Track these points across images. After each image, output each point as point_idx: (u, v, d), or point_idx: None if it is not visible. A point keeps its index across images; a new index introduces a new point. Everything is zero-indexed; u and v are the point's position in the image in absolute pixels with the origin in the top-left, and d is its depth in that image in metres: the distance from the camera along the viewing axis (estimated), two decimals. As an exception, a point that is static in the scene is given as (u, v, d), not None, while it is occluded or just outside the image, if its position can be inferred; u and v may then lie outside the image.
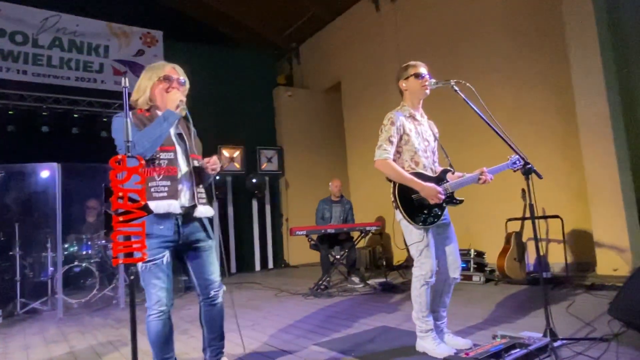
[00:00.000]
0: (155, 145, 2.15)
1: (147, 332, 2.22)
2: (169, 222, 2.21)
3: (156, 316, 2.20)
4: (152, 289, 2.19)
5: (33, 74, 7.05)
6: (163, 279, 2.21)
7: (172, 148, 2.28)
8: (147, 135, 2.13)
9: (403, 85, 2.78)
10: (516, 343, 2.42)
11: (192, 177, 2.32)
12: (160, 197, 2.18)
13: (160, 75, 2.32)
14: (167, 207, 2.17)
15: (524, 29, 5.97)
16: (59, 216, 4.97)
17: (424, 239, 2.59)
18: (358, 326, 3.52)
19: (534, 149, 5.08)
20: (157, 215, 2.16)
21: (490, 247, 5.48)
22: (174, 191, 2.22)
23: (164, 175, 2.21)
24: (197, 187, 2.34)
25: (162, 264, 2.19)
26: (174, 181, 2.23)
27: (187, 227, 2.30)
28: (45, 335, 4.06)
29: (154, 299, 2.20)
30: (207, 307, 2.40)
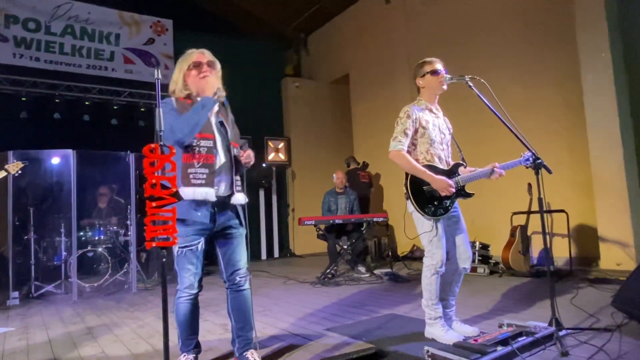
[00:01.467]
0: (194, 131, 2.19)
1: (175, 313, 2.33)
2: (206, 209, 2.27)
3: (186, 299, 2.31)
4: (186, 273, 2.28)
5: (45, 61, 7.13)
6: (196, 264, 2.29)
7: (211, 136, 2.31)
8: (186, 121, 2.17)
9: (420, 83, 2.84)
10: (523, 331, 2.52)
11: (232, 166, 2.37)
12: (198, 184, 2.23)
13: (190, 63, 2.36)
14: (204, 194, 2.23)
15: (534, 24, 5.99)
16: (73, 202, 5.08)
17: (434, 229, 2.67)
18: (367, 313, 3.62)
19: (541, 144, 5.11)
20: (194, 202, 2.22)
21: (495, 239, 5.57)
22: (212, 179, 2.26)
23: (202, 163, 2.25)
24: (235, 176, 2.39)
25: (196, 250, 2.27)
26: (212, 169, 2.28)
27: (223, 215, 2.36)
28: (62, 315, 4.19)
29: (186, 283, 2.29)
30: (233, 294, 2.44)
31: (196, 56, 2.38)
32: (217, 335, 3.17)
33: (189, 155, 2.24)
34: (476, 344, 2.34)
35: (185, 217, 2.23)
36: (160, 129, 1.78)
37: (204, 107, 2.21)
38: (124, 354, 2.88)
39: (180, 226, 2.22)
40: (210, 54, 2.43)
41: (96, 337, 3.31)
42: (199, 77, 2.33)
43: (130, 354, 2.86)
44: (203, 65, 2.36)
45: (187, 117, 2.19)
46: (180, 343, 2.41)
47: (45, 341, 3.28)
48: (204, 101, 2.23)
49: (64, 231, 5.51)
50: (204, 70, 2.35)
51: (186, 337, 2.38)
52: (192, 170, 2.23)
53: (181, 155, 2.23)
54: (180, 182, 2.21)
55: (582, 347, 2.42)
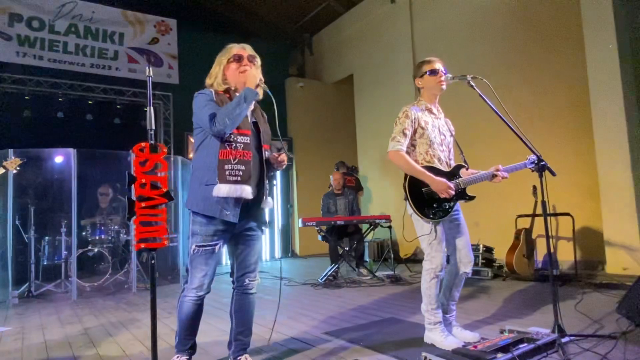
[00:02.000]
0: (234, 123, 2.11)
1: (178, 311, 2.28)
2: (236, 208, 2.17)
3: (192, 299, 2.24)
4: (199, 273, 2.21)
5: (49, 60, 7.14)
6: (211, 265, 2.23)
7: (248, 132, 2.23)
8: (227, 112, 2.09)
9: (419, 83, 2.78)
10: (524, 337, 2.45)
11: (263, 167, 2.29)
12: (234, 181, 2.12)
13: (230, 57, 2.30)
14: (240, 191, 2.12)
15: (541, 24, 5.91)
16: (74, 201, 5.06)
17: (433, 232, 2.61)
18: (366, 317, 3.57)
19: (547, 146, 5.04)
20: (226, 199, 2.12)
21: (499, 242, 5.49)
22: (247, 176, 2.17)
23: (239, 159, 2.16)
24: (265, 177, 2.32)
25: (214, 252, 2.20)
26: (248, 166, 2.18)
27: (247, 216, 2.27)
28: (60, 316, 4.16)
29: (196, 283, 2.22)
30: (239, 296, 2.39)
31: (236, 50, 2.32)
32: (212, 337, 3.13)
33: (226, 151, 2.14)
34: (475, 350, 2.28)
35: (214, 215, 2.14)
36: (151, 127, 1.74)
37: (246, 98, 2.13)
38: (118, 355, 2.84)
39: (202, 224, 2.17)
40: (251, 49, 2.36)
41: (92, 338, 3.28)
42: (239, 70, 2.28)
43: (124, 355, 2.83)
44: (244, 58, 2.30)
45: (229, 108, 2.11)
46: (177, 341, 2.38)
47: (40, 342, 3.25)
48: (246, 92, 2.15)
49: (65, 230, 5.50)
50: (244, 63, 2.29)
51: (184, 336, 2.35)
52: (228, 166, 2.13)
53: (218, 150, 2.15)
54: (216, 179, 2.12)
55: (585, 355, 2.35)
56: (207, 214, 2.15)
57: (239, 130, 2.18)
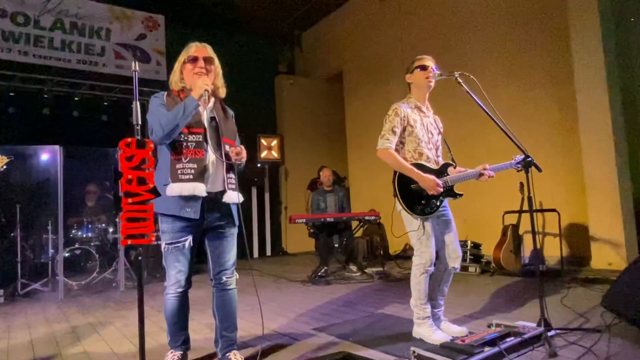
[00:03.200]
0: (171, 134, 2.13)
1: (164, 309, 2.32)
2: (196, 205, 2.21)
3: (173, 295, 2.29)
4: (172, 270, 2.26)
5: (34, 56, 7.00)
6: (183, 262, 2.26)
7: (201, 130, 2.25)
8: (166, 122, 2.12)
9: (409, 79, 2.81)
10: (511, 331, 2.48)
11: (223, 163, 2.30)
12: (186, 180, 2.16)
13: (186, 57, 2.31)
14: (192, 189, 2.16)
15: (528, 23, 5.97)
16: (60, 199, 4.99)
17: (421, 228, 2.63)
18: (356, 313, 3.58)
19: (534, 143, 5.12)
20: (183, 197, 2.17)
21: (487, 239, 5.54)
22: (200, 174, 2.19)
23: (191, 158, 2.19)
24: (228, 173, 2.32)
25: (183, 248, 2.24)
26: (201, 164, 2.21)
27: (214, 212, 2.30)
28: (46, 314, 4.12)
29: (172, 280, 2.27)
30: (219, 293, 2.42)
31: (194, 50, 2.32)
32: (202, 334, 3.12)
33: (176, 151, 2.20)
34: (463, 344, 2.31)
35: (174, 213, 2.20)
36: (137, 122, 1.73)
37: (185, 110, 2.13)
38: (106, 353, 2.82)
39: (168, 222, 2.22)
40: (210, 50, 2.36)
41: (79, 337, 3.25)
42: (193, 72, 2.28)
43: (112, 353, 2.81)
44: (199, 60, 2.29)
45: (169, 117, 2.13)
46: (169, 338, 2.41)
47: (26, 341, 3.21)
48: (187, 102, 2.15)
49: (51, 228, 5.43)
50: (198, 65, 2.29)
51: (174, 332, 2.38)
52: (180, 165, 2.18)
53: (170, 151, 2.20)
54: (169, 179, 2.17)
55: (570, 348, 2.39)
56: (168, 213, 2.20)
57: (190, 129, 2.20)
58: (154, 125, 2.12)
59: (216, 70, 2.36)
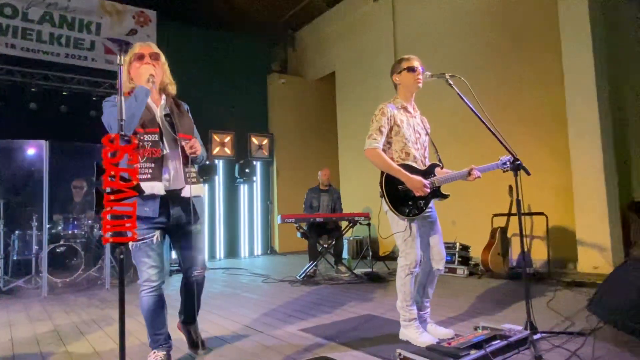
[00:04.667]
0: (130, 125, 2.05)
1: (141, 308, 2.33)
2: (154, 203, 2.22)
3: (147, 292, 2.28)
4: (143, 266, 2.26)
5: (22, 49, 6.89)
6: (153, 257, 2.26)
7: (156, 130, 2.25)
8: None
9: (396, 79, 2.80)
10: (497, 334, 2.48)
11: (180, 158, 2.31)
12: (144, 179, 2.16)
13: (131, 56, 2.30)
14: (150, 188, 2.16)
15: (519, 26, 6.00)
16: (45, 194, 4.91)
17: (408, 229, 2.62)
18: (343, 314, 3.57)
19: (523, 146, 5.12)
20: (142, 196, 2.14)
21: (476, 241, 5.56)
22: (158, 173, 2.21)
23: (147, 157, 2.20)
24: (187, 167, 2.32)
25: (152, 243, 2.24)
26: (158, 163, 2.22)
27: (177, 208, 2.31)
28: (29, 313, 4.04)
29: (144, 276, 2.27)
30: (186, 281, 2.50)
31: (139, 48, 2.31)
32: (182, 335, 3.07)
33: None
34: (449, 347, 2.30)
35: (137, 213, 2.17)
36: (122, 118, 1.69)
37: (137, 97, 2.11)
38: (88, 352, 2.77)
39: None
40: (155, 47, 2.35)
41: (62, 336, 3.19)
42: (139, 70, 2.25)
43: (95, 352, 2.76)
44: (145, 57, 2.28)
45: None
46: (150, 339, 2.38)
47: (6, 340, 3.14)
48: (136, 91, 2.13)
49: (36, 224, 5.33)
50: (144, 62, 2.27)
51: (153, 332, 2.36)
52: (137, 165, 2.15)
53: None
54: None
55: (556, 351, 2.40)
56: None
57: (144, 129, 2.20)
58: (111, 122, 2.09)
59: (163, 66, 2.35)
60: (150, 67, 2.22)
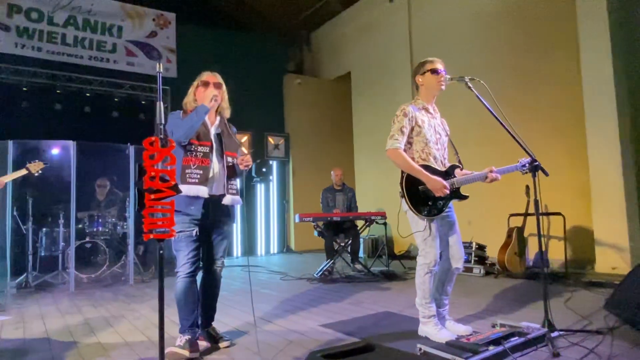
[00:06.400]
0: (189, 133, 2.54)
1: (175, 293, 2.61)
2: (199, 204, 2.61)
3: (182, 277, 2.59)
4: (182, 254, 2.59)
5: (47, 52, 7.12)
6: (192, 247, 2.60)
7: (208, 143, 2.69)
8: (182, 125, 2.56)
9: (419, 80, 2.86)
10: (515, 331, 2.54)
11: (224, 171, 2.71)
12: (192, 182, 2.58)
13: (199, 81, 2.76)
14: (196, 191, 2.58)
15: (536, 26, 6.00)
16: (73, 193, 5.09)
17: (427, 229, 2.69)
18: (362, 310, 3.65)
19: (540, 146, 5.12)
20: (189, 197, 2.56)
21: (492, 240, 5.59)
22: (205, 179, 2.61)
23: (198, 165, 2.62)
24: (229, 180, 2.73)
25: (191, 236, 2.59)
26: (206, 171, 2.63)
27: (215, 211, 2.70)
28: (59, 306, 4.21)
29: (181, 262, 2.60)
30: (206, 277, 2.82)
31: (206, 77, 2.77)
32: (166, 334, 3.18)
33: (187, 158, 2.61)
34: (468, 342, 2.37)
35: (181, 209, 2.57)
36: (161, 122, 1.80)
37: (197, 112, 2.57)
38: (119, 343, 2.90)
39: (177, 216, 2.55)
40: (219, 77, 2.81)
41: (93, 328, 3.33)
42: (204, 93, 2.70)
43: (125, 344, 2.89)
44: (210, 84, 2.74)
45: (185, 121, 2.58)
46: (180, 324, 2.63)
47: (41, 331, 3.30)
48: (199, 108, 2.60)
49: (63, 222, 5.53)
50: (209, 88, 2.72)
51: (183, 316, 2.62)
52: (188, 170, 2.60)
53: (182, 157, 2.60)
54: (179, 180, 2.55)
55: (573, 349, 2.44)
56: (176, 208, 2.51)
57: (199, 141, 2.64)
58: (174, 128, 2.56)
59: (223, 94, 2.80)
60: (214, 90, 2.70)
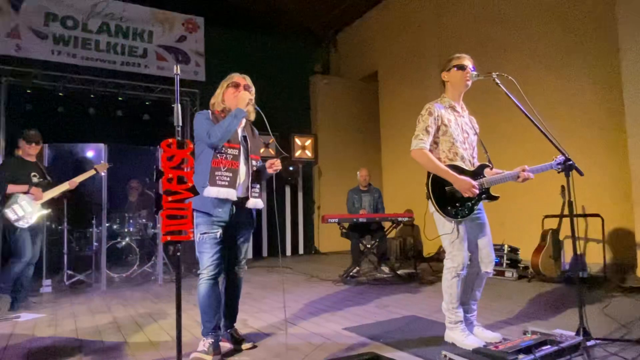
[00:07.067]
0: (225, 136, 2.53)
1: (198, 296, 2.58)
2: (227, 207, 2.61)
3: (205, 279, 2.56)
4: (205, 256, 2.57)
5: (82, 58, 7.35)
6: (216, 249, 2.58)
7: (237, 146, 2.66)
8: (220, 128, 2.53)
9: (445, 77, 2.77)
10: (547, 339, 2.41)
11: (249, 174, 2.71)
12: (222, 185, 2.55)
13: (229, 82, 2.73)
14: (226, 194, 2.55)
15: (573, 21, 5.74)
16: (104, 194, 5.24)
17: (455, 231, 2.59)
18: (387, 314, 3.57)
19: (576, 145, 4.93)
20: (217, 199, 2.55)
21: (525, 243, 5.39)
22: (234, 182, 2.60)
23: (228, 167, 2.60)
24: (252, 183, 2.73)
25: (216, 237, 2.57)
26: (235, 174, 2.62)
27: (239, 214, 2.69)
28: (90, 305, 4.33)
29: (205, 264, 2.57)
30: (228, 279, 2.81)
31: (236, 78, 2.75)
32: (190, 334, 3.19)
33: (217, 160, 2.58)
34: (497, 350, 2.26)
35: (208, 211, 2.56)
36: (178, 124, 1.80)
37: (236, 116, 2.57)
38: (145, 343, 2.94)
39: (204, 217, 2.57)
40: (249, 80, 2.78)
41: (120, 327, 3.40)
42: (234, 95, 2.69)
43: (150, 344, 2.93)
44: (240, 86, 2.72)
45: (221, 124, 2.55)
46: (202, 327, 2.60)
47: (72, 329, 3.40)
48: (237, 111, 2.59)
49: (96, 222, 5.70)
50: (240, 89, 2.71)
51: (205, 319, 2.58)
52: (218, 173, 2.56)
53: (211, 159, 2.56)
54: (208, 182, 2.53)
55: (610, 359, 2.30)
56: (203, 210, 2.55)
57: (229, 144, 2.61)
58: (210, 132, 2.52)
59: (252, 96, 2.77)
60: (248, 94, 2.69)
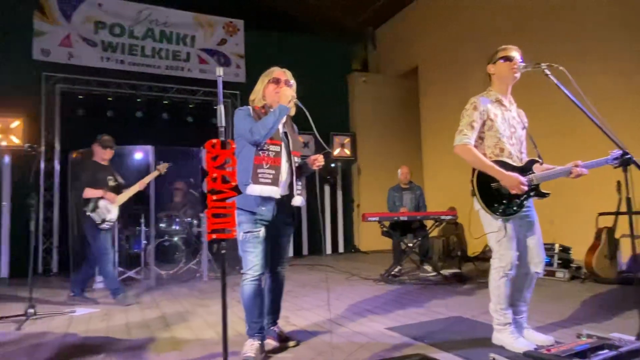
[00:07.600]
0: (269, 133, 2.47)
1: (241, 296, 2.56)
2: (270, 205, 2.54)
3: (250, 280, 2.52)
4: (249, 256, 2.52)
5: (129, 63, 7.67)
6: (259, 248, 2.52)
7: (279, 142, 2.60)
8: (263, 125, 2.47)
9: (491, 69, 2.67)
10: (605, 344, 2.27)
11: (292, 171, 2.64)
12: (265, 183, 2.50)
13: (270, 78, 2.66)
14: (269, 191, 2.50)
15: (629, 7, 5.39)
16: (152, 195, 5.44)
17: (502, 229, 2.49)
18: (431, 314, 3.50)
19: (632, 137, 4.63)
20: (261, 197, 2.50)
21: (578, 242, 5.12)
22: (277, 179, 2.54)
23: (270, 165, 2.54)
24: (297, 180, 2.66)
25: (259, 236, 2.52)
26: (278, 171, 2.56)
27: (281, 212, 2.61)
28: (139, 300, 4.50)
29: (249, 265, 2.52)
30: (271, 277, 2.77)
31: (277, 73, 2.68)
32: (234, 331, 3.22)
33: (260, 157, 2.52)
34: (549, 354, 2.15)
35: (252, 210, 2.51)
36: (221, 124, 1.83)
37: (280, 112, 2.49)
38: (191, 338, 3.03)
39: (247, 216, 2.52)
40: (289, 74, 2.72)
41: (168, 322, 3.52)
42: (275, 91, 2.62)
43: (197, 339, 3.01)
44: (281, 81, 2.65)
45: (264, 121, 2.49)
46: (247, 327, 2.59)
47: (123, 323, 3.55)
48: (280, 108, 2.51)
49: (144, 221, 5.93)
50: (281, 85, 2.63)
51: (251, 319, 2.56)
52: (261, 170, 2.51)
53: (253, 157, 2.51)
54: (250, 180, 2.48)
55: (677, 367, 2.14)
56: (246, 208, 2.50)
57: (271, 140, 2.55)
58: (253, 128, 2.46)
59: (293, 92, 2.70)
60: (291, 90, 2.63)
